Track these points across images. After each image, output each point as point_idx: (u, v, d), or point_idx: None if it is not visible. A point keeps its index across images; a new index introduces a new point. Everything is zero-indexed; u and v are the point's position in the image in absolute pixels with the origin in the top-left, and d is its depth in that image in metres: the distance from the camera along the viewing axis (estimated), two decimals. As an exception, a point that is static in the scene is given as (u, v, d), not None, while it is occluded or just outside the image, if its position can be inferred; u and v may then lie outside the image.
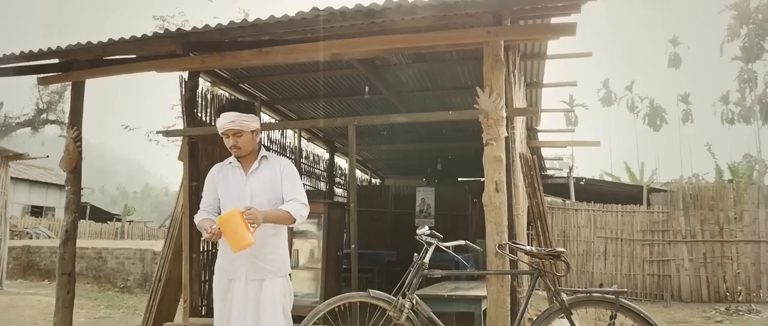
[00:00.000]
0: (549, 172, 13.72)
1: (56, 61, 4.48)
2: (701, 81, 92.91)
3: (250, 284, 3.03)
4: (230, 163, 3.23)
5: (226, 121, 3.04)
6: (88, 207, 26.84)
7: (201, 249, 6.03)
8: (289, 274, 3.16)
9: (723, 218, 10.70)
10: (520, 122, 5.81)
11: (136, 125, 17.60)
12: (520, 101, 5.85)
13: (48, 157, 14.55)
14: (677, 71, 63.19)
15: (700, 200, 10.89)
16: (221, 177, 3.23)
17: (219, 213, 3.13)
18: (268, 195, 3.09)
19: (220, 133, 3.10)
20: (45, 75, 4.62)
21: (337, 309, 3.26)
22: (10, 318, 7.42)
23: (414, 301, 3.16)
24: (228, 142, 3.10)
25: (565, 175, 13.52)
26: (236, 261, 3.05)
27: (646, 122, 63.66)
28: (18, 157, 11.17)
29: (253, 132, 3.13)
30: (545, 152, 12.05)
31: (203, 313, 6.14)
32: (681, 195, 11.00)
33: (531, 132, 8.61)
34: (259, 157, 3.18)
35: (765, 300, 10.06)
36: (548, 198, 12.21)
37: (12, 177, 11.45)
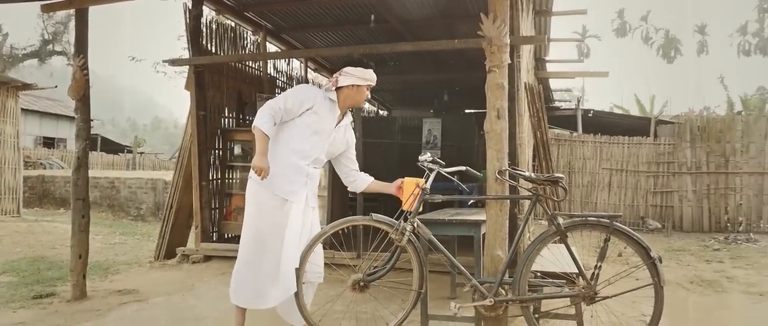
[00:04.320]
0: (557, 104, 13.65)
1: (58, -13, 4.44)
2: (719, 11, 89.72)
3: (307, 209, 3.26)
4: (332, 99, 3.29)
5: (374, 79, 3.35)
6: (99, 139, 27.08)
7: (210, 178, 6.18)
8: None
9: (729, 150, 10.71)
10: (526, 51, 5.75)
11: (142, 57, 17.49)
12: (527, 29, 5.77)
13: (56, 87, 14.58)
14: (695, 0, 61.18)
15: (708, 132, 10.87)
16: (316, 109, 3.20)
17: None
18: (330, 150, 3.36)
19: (360, 84, 3.28)
20: (48, 2, 4.59)
21: (341, 233, 3.37)
22: (29, 243, 7.73)
23: (415, 225, 3.25)
24: (363, 95, 3.37)
25: (573, 107, 13.45)
26: (295, 184, 3.18)
27: (659, 54, 62.21)
28: (27, 87, 11.23)
29: None
30: (554, 84, 11.95)
31: (214, 239, 6.37)
32: (688, 127, 10.98)
33: (539, 62, 8.52)
34: (346, 112, 3.44)
35: (765, 231, 10.21)
36: (555, 131, 12.20)
37: (22, 109, 11.54)
